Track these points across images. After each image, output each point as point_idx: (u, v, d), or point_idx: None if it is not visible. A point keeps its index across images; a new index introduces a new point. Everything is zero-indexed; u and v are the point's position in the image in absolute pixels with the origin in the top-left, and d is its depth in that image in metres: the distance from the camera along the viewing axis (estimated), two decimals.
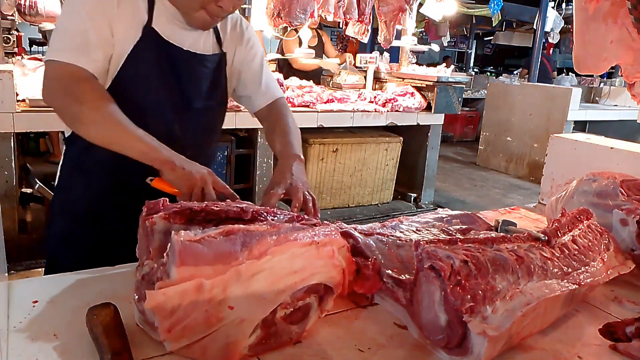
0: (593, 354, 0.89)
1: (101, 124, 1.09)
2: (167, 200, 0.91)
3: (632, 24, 1.21)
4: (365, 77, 5.06)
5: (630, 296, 1.11)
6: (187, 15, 1.23)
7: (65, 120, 1.15)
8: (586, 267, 1.00)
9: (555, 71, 10.36)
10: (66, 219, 1.35)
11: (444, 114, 4.85)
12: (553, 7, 8.42)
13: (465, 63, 13.84)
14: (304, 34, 4.65)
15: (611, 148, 1.63)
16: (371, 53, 5.18)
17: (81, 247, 1.30)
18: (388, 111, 4.49)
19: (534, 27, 8.09)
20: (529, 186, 6.53)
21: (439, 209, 1.58)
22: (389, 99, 4.52)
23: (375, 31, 5.17)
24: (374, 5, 4.85)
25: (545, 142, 1.89)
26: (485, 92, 8.18)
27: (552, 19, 8.20)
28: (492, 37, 14.27)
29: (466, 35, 13.49)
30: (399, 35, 5.11)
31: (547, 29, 8.15)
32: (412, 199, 5.11)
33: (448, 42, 12.12)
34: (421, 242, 0.86)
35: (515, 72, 10.84)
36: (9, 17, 4.01)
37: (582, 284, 0.94)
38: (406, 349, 0.86)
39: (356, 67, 5.11)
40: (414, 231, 1.16)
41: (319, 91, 4.41)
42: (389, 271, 0.96)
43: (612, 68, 7.89)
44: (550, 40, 9.20)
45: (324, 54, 5.49)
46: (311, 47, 4.97)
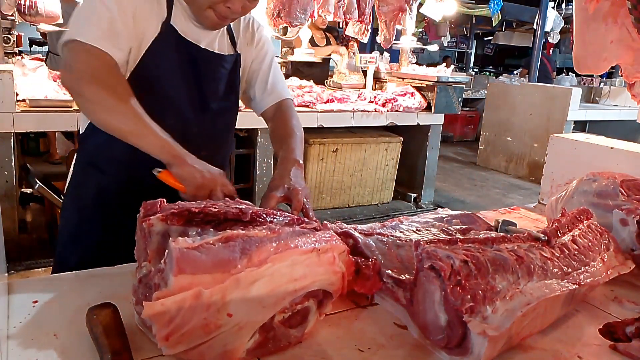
0: (593, 354, 0.89)
1: (124, 114, 1.06)
2: (165, 200, 0.90)
3: (632, 24, 1.21)
4: (365, 77, 5.06)
5: (630, 296, 1.11)
6: (197, 14, 1.23)
7: (87, 105, 1.11)
8: (586, 267, 1.00)
9: (555, 71, 10.37)
10: (77, 215, 1.35)
11: (444, 114, 4.85)
12: (553, 7, 8.42)
13: (465, 63, 13.84)
14: (304, 34, 4.65)
15: (611, 148, 1.63)
16: (371, 53, 5.19)
17: (90, 243, 1.30)
18: (388, 111, 4.49)
19: (534, 27, 8.09)
20: (529, 186, 6.53)
21: (439, 209, 1.58)
22: (389, 99, 4.52)
23: (375, 31, 5.17)
24: (374, 5, 4.86)
25: (545, 142, 1.89)
26: (485, 92, 8.18)
27: (552, 19, 8.20)
28: (492, 37, 14.27)
29: (466, 35, 13.49)
30: (399, 35, 5.11)
31: (547, 29, 8.15)
32: (412, 199, 5.11)
33: (448, 42, 12.13)
34: (421, 242, 0.86)
35: (515, 72, 10.84)
36: (9, 17, 4.01)
37: (582, 284, 0.94)
38: (406, 349, 0.86)
39: (357, 66, 5.11)
40: (414, 231, 1.16)
41: (319, 91, 4.41)
42: (389, 271, 0.96)
43: (612, 68, 7.89)
44: (550, 40, 9.20)
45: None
46: (318, 46, 4.99)
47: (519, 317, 0.79)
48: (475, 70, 13.92)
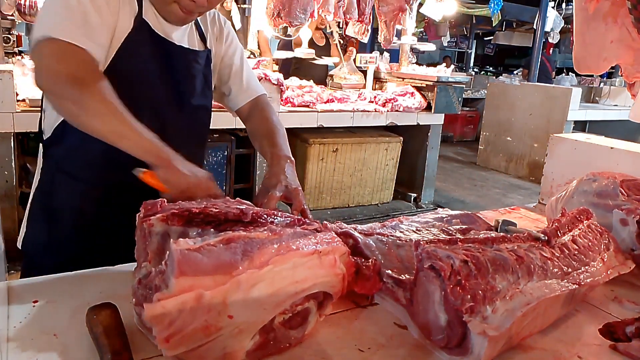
0: (593, 354, 0.89)
1: (105, 115, 1.00)
2: (165, 201, 0.90)
3: (632, 24, 1.21)
4: (365, 77, 5.06)
5: (630, 296, 1.11)
6: (162, 9, 1.19)
7: (67, 107, 1.03)
8: (586, 267, 1.00)
9: (554, 70, 10.36)
10: (47, 224, 1.28)
11: (444, 114, 4.85)
12: (553, 7, 8.42)
13: (465, 63, 13.83)
14: (304, 34, 4.65)
15: (611, 148, 1.63)
16: (371, 53, 5.18)
17: (65, 251, 1.25)
18: (388, 111, 4.49)
19: (534, 27, 8.09)
20: (529, 186, 6.53)
21: (439, 209, 1.58)
22: (389, 99, 4.52)
23: (375, 31, 5.17)
24: (374, 5, 4.86)
25: (545, 142, 1.88)
26: (485, 92, 8.18)
27: (552, 19, 8.20)
28: (492, 37, 14.26)
29: (466, 35, 13.49)
30: (399, 35, 5.11)
31: (547, 29, 8.15)
32: (412, 199, 5.11)
33: (448, 42, 12.13)
34: (421, 242, 0.86)
35: (515, 72, 10.84)
36: (9, 17, 4.01)
37: (582, 283, 0.94)
38: (406, 349, 0.86)
39: (356, 67, 5.11)
40: (414, 231, 1.16)
41: (319, 91, 4.41)
42: (389, 271, 0.96)
43: (612, 68, 7.89)
44: (550, 40, 9.20)
45: (329, 55, 5.48)
46: (318, 47, 4.98)
47: (519, 317, 0.79)
48: (475, 70, 13.91)
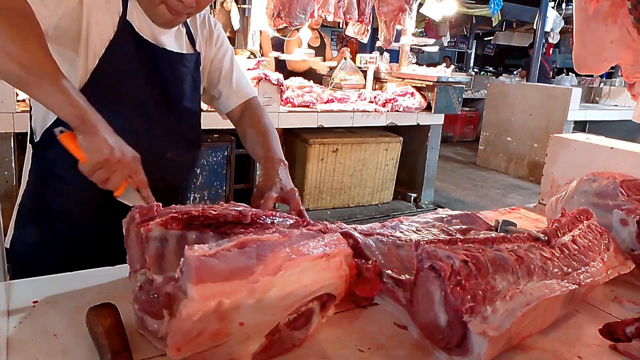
0: (593, 354, 0.89)
1: (31, 61, 0.89)
2: (161, 205, 0.88)
3: (632, 24, 1.21)
4: (365, 77, 5.06)
5: (630, 296, 1.11)
6: (149, 11, 1.17)
7: None
8: (586, 267, 1.00)
9: (552, 71, 10.36)
10: (38, 226, 1.25)
11: (444, 114, 4.85)
12: (553, 7, 8.41)
13: (465, 63, 13.84)
14: (304, 34, 4.65)
15: (611, 148, 1.63)
16: (371, 53, 5.19)
17: (53, 254, 1.23)
18: (388, 111, 4.49)
19: (534, 27, 8.09)
20: (529, 186, 6.53)
21: (439, 209, 1.58)
22: (389, 99, 4.52)
23: (375, 31, 5.17)
24: (374, 5, 4.86)
25: (545, 142, 1.88)
26: (485, 92, 8.18)
27: (552, 19, 8.20)
28: (492, 37, 14.27)
29: (466, 35, 13.50)
30: (399, 35, 5.11)
31: (547, 29, 8.14)
32: (412, 199, 5.11)
33: (448, 42, 12.12)
34: (421, 242, 0.86)
35: (515, 72, 10.84)
36: None
37: (582, 284, 0.94)
38: (406, 349, 0.86)
39: (357, 67, 5.11)
40: (414, 231, 1.16)
41: (319, 91, 4.41)
42: (389, 271, 0.96)
43: (612, 68, 7.89)
44: (550, 40, 9.20)
45: (324, 55, 5.48)
46: (313, 48, 4.97)
47: (519, 317, 0.79)
48: (475, 70, 13.92)
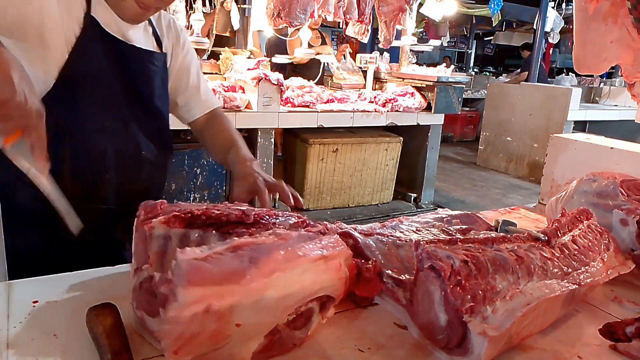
0: (593, 354, 0.89)
1: None
2: (165, 202, 0.89)
3: (632, 24, 1.21)
4: (365, 77, 5.06)
5: (630, 296, 1.11)
6: (116, 5, 1.14)
7: None
8: (586, 267, 1.00)
9: (549, 70, 10.35)
10: (7, 228, 1.14)
11: (444, 114, 4.85)
12: (553, 7, 8.41)
13: (465, 63, 13.83)
14: (304, 34, 4.65)
15: (611, 148, 1.63)
16: (371, 53, 5.19)
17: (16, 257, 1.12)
18: (388, 111, 4.49)
19: (534, 27, 8.09)
20: (529, 186, 6.54)
21: (439, 209, 1.58)
22: (389, 99, 4.52)
23: (375, 31, 5.17)
24: (374, 5, 4.86)
25: (545, 142, 1.88)
26: (485, 92, 8.18)
27: (552, 19, 8.19)
28: (492, 37, 14.27)
29: (466, 35, 13.49)
30: (399, 36, 5.11)
31: (547, 29, 8.14)
32: (412, 199, 5.11)
33: (448, 42, 12.13)
34: (421, 242, 0.86)
35: (514, 73, 10.85)
36: None
37: (582, 284, 0.94)
38: (406, 349, 0.86)
39: (357, 67, 5.11)
40: (414, 231, 1.16)
41: (319, 91, 4.41)
42: (389, 271, 0.96)
43: (612, 68, 7.89)
44: (550, 40, 9.20)
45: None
46: (313, 47, 4.97)
47: (519, 317, 0.79)
48: (475, 70, 13.92)
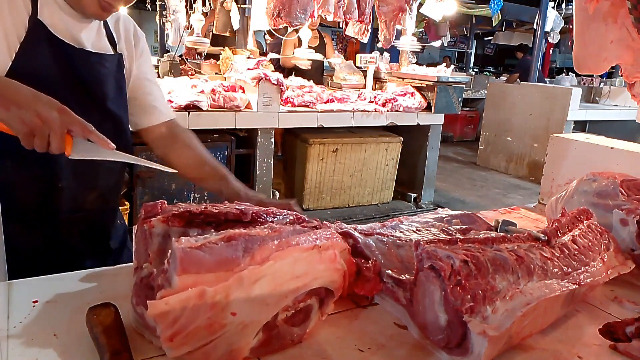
0: (593, 354, 0.89)
1: None
2: (165, 202, 0.90)
3: (632, 24, 1.21)
4: (365, 77, 5.06)
5: (630, 296, 1.11)
6: (77, 3, 1.12)
7: None
8: (586, 267, 1.00)
9: (547, 71, 10.35)
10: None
11: (444, 114, 4.85)
12: (553, 7, 8.41)
13: (465, 63, 13.83)
14: (304, 34, 4.65)
15: (611, 148, 1.63)
16: (371, 53, 5.19)
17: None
18: (388, 111, 4.49)
19: (534, 27, 8.09)
20: (529, 186, 6.54)
21: (439, 209, 1.58)
22: (389, 99, 4.52)
23: (375, 31, 5.17)
24: (374, 5, 4.86)
25: (545, 142, 1.88)
26: (485, 92, 8.18)
27: (552, 19, 8.20)
28: (492, 37, 14.27)
29: (466, 35, 13.49)
30: (399, 36, 5.11)
31: (547, 29, 8.15)
32: (412, 199, 5.11)
33: (448, 42, 12.13)
34: (421, 242, 0.86)
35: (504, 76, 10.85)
36: None
37: (582, 284, 0.94)
38: (406, 349, 0.86)
39: (357, 67, 5.11)
40: (414, 231, 1.16)
41: (319, 91, 4.41)
42: (389, 271, 0.96)
43: (612, 68, 7.89)
44: (550, 40, 9.20)
45: (325, 55, 5.49)
46: (312, 47, 4.98)
47: (519, 317, 0.79)
48: (475, 70, 13.92)
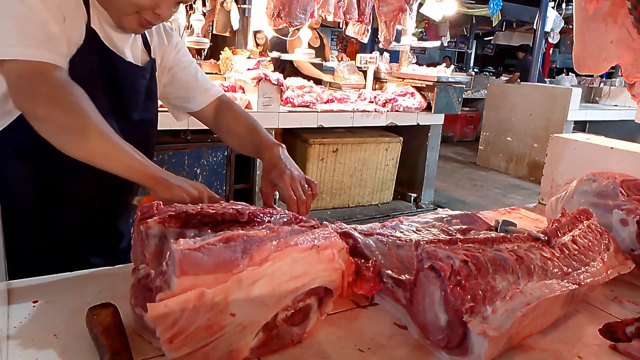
0: (593, 354, 0.89)
1: (92, 136, 0.95)
2: (161, 203, 0.90)
3: (632, 24, 1.21)
4: (365, 77, 5.06)
5: (630, 296, 1.11)
6: (118, 19, 1.14)
7: (50, 130, 0.97)
8: (586, 267, 1.00)
9: (547, 71, 10.34)
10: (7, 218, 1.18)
11: (444, 114, 4.85)
12: (553, 7, 8.42)
13: (465, 63, 13.84)
14: (304, 34, 4.65)
15: (611, 148, 1.63)
16: (371, 53, 5.19)
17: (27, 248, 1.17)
18: (388, 111, 4.49)
19: (534, 27, 8.10)
20: (529, 186, 6.53)
21: (439, 209, 1.58)
22: (389, 99, 4.52)
23: (375, 31, 5.17)
24: (374, 5, 4.86)
25: (545, 142, 1.89)
26: (485, 92, 8.18)
27: (552, 19, 8.20)
28: (492, 37, 14.27)
29: (466, 35, 13.50)
30: (399, 36, 5.11)
31: (547, 29, 8.15)
32: (412, 199, 5.11)
33: (448, 42, 12.12)
34: (421, 242, 0.86)
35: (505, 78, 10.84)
36: None
37: (582, 284, 0.94)
38: (406, 349, 0.86)
39: (357, 67, 5.11)
40: (414, 231, 1.16)
41: (319, 91, 4.40)
42: (389, 271, 0.96)
43: (612, 68, 7.89)
44: (550, 40, 9.20)
45: (323, 55, 5.49)
46: (313, 48, 4.97)
47: (519, 317, 0.79)
48: (475, 70, 13.92)
